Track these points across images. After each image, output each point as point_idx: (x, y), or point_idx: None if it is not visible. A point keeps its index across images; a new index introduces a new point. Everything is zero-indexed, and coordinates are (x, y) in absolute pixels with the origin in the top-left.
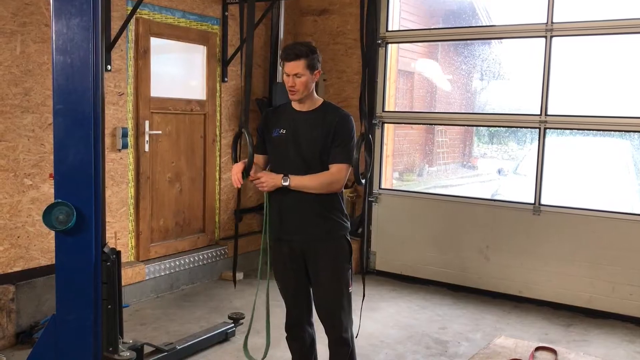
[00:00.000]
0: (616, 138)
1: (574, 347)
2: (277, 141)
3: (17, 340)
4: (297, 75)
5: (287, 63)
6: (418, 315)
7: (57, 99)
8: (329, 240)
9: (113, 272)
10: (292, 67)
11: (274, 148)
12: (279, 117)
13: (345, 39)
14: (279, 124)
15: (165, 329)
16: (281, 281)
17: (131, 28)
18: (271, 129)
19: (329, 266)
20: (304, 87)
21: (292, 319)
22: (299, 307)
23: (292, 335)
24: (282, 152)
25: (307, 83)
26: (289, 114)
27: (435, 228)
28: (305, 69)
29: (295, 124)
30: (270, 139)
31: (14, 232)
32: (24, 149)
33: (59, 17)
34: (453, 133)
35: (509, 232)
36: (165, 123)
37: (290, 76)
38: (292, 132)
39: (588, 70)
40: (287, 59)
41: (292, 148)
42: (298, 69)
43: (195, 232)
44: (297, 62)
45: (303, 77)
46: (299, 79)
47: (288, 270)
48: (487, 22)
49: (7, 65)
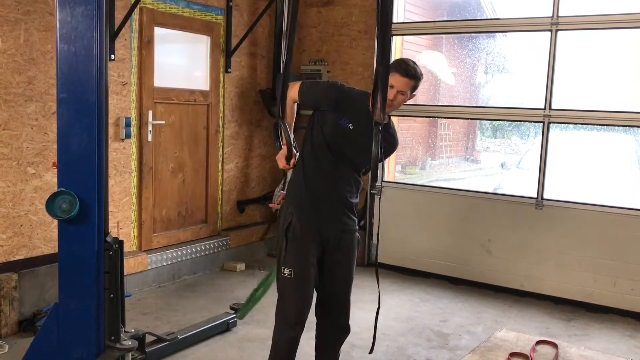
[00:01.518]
0: (620, 133)
1: (575, 341)
2: (341, 130)
3: (19, 328)
4: (401, 92)
5: (400, 77)
6: (419, 307)
7: (61, 88)
8: (350, 232)
9: (115, 261)
10: (403, 83)
11: (333, 135)
12: (353, 107)
13: (350, 31)
14: (350, 115)
15: (167, 319)
16: (303, 267)
17: (135, 17)
18: (340, 113)
19: (347, 257)
20: (398, 105)
21: (304, 312)
22: (309, 299)
23: (296, 334)
24: (341, 144)
25: (404, 102)
26: (362, 111)
27: (437, 221)
28: (409, 89)
29: (362, 125)
30: (334, 122)
31: (17, 221)
32: (28, 137)
33: (63, 6)
34: (456, 126)
35: (511, 226)
36: (168, 113)
37: (394, 89)
38: (359, 132)
39: (593, 64)
40: (403, 74)
41: (352, 146)
42: (405, 86)
43: (198, 222)
44: (408, 80)
45: (404, 96)
46: (400, 95)
47: (310, 260)
48: (492, 15)
49: (11, 53)
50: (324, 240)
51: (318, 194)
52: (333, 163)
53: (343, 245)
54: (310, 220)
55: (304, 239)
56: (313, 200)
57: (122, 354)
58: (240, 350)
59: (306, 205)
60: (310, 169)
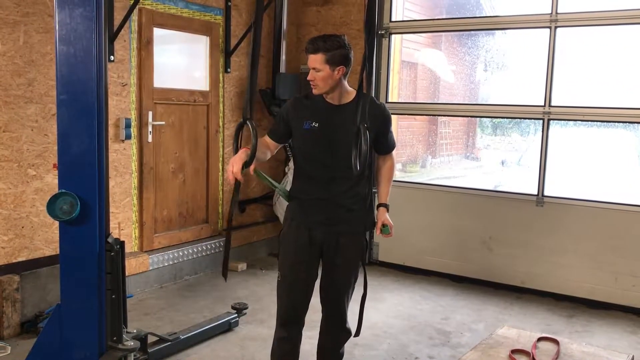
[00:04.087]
0: (620, 129)
1: (577, 338)
2: (308, 134)
3: (22, 329)
4: (315, 69)
5: (308, 55)
6: (420, 305)
7: (61, 90)
8: (350, 236)
9: (117, 262)
10: (311, 60)
11: (304, 141)
12: (310, 108)
13: (349, 30)
14: (310, 115)
15: (169, 319)
16: (292, 271)
17: (134, 18)
18: (301, 120)
19: (346, 261)
20: (322, 83)
21: (292, 314)
22: (304, 300)
23: (287, 334)
24: (312, 147)
25: (326, 78)
26: (321, 107)
27: (438, 219)
28: (324, 63)
29: (330, 118)
30: (300, 130)
31: (18, 223)
32: (28, 139)
33: (62, 7)
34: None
35: (511, 223)
36: (168, 114)
37: (310, 69)
38: (327, 125)
39: (592, 61)
40: (307, 51)
41: (326, 142)
42: (316, 63)
43: (199, 222)
44: (315, 55)
45: (321, 72)
46: (317, 73)
47: (302, 261)
48: (491, 13)
49: (11, 55)
50: (320, 244)
51: (311, 201)
52: (320, 168)
53: (342, 248)
54: (300, 227)
55: (294, 245)
56: (305, 207)
57: (124, 354)
58: (242, 349)
59: (297, 212)
60: (302, 178)
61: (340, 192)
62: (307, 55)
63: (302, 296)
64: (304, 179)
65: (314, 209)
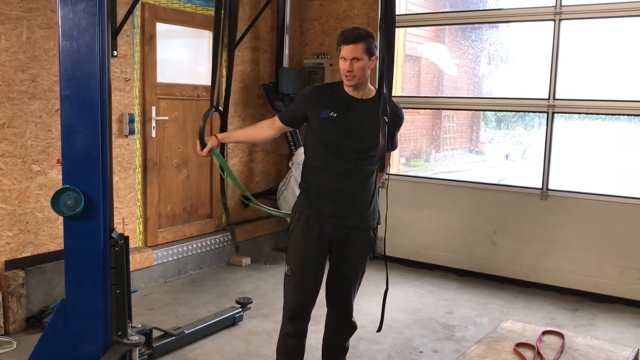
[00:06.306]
0: (625, 122)
1: (581, 331)
2: (325, 124)
3: (27, 324)
4: (355, 59)
5: (345, 46)
6: (425, 299)
7: (64, 85)
8: (361, 229)
9: (121, 257)
10: (350, 50)
11: (320, 129)
12: (330, 97)
13: (352, 23)
14: (329, 105)
15: (174, 314)
16: (300, 265)
17: (137, 13)
18: (319, 108)
19: (354, 255)
20: (361, 72)
21: (300, 309)
22: (312, 295)
23: (294, 329)
24: (330, 136)
25: (365, 68)
26: (342, 97)
27: (442, 213)
28: (364, 52)
29: (350, 110)
30: (317, 119)
31: (23, 218)
32: (32, 135)
33: (65, 3)
34: (460, 118)
35: (516, 217)
36: (171, 109)
37: (347, 60)
38: (346, 117)
39: (597, 53)
40: (346, 41)
41: (343, 134)
42: (356, 52)
43: (203, 217)
44: (356, 45)
45: (361, 61)
46: (357, 63)
47: (311, 255)
48: (495, 6)
49: (14, 51)
50: (330, 238)
51: (322, 194)
52: (334, 160)
53: (351, 243)
54: (310, 220)
55: (304, 238)
56: (314, 200)
57: (129, 349)
58: (247, 343)
59: (307, 206)
60: (313, 170)
61: (352, 185)
62: (341, 46)
63: (311, 291)
64: (316, 171)
65: (325, 202)
